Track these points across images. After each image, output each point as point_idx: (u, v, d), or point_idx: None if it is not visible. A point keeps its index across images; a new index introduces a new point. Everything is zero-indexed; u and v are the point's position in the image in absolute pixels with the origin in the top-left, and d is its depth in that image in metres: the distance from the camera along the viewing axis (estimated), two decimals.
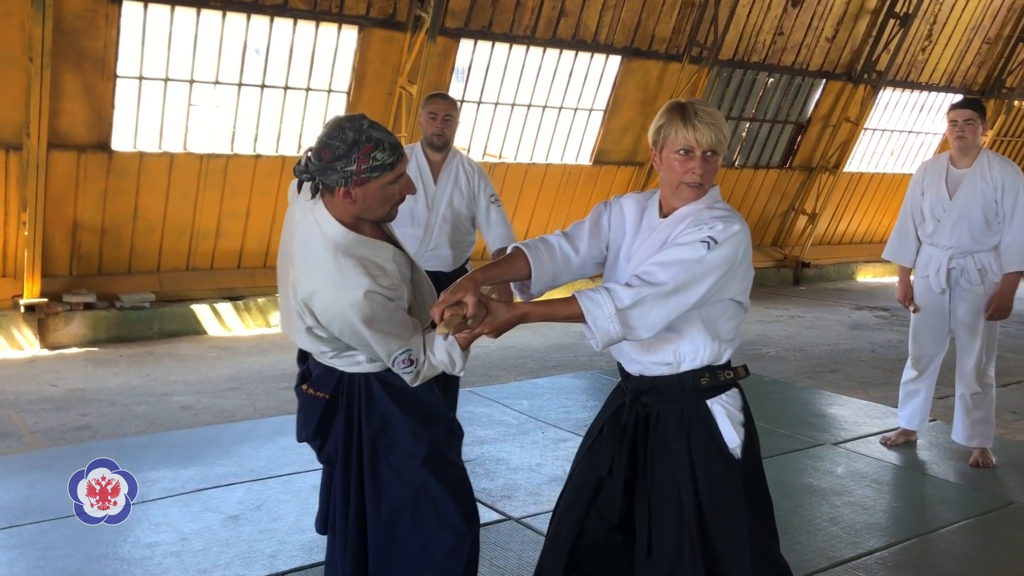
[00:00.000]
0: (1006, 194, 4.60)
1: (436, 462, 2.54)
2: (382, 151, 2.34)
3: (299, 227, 2.45)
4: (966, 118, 4.62)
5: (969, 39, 12.65)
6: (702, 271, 2.26)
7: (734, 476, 2.41)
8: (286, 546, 3.68)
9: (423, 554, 2.52)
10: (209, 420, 5.49)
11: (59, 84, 7.04)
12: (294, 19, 7.87)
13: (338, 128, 2.33)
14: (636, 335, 2.26)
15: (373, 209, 2.41)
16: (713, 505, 2.39)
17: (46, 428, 5.29)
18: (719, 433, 2.41)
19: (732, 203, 10.71)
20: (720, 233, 2.28)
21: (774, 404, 5.95)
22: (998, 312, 4.66)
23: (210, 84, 7.86)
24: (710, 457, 2.40)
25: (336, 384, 2.57)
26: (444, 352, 2.44)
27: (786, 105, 11.55)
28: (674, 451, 2.42)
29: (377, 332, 2.36)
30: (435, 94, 4.35)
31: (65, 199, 7.43)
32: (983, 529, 4.10)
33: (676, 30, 10.03)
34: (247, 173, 8.13)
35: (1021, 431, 5.66)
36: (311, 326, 2.43)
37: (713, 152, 2.34)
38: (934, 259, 4.78)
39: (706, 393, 2.43)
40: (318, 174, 2.35)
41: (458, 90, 9.17)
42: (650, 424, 2.45)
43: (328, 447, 2.64)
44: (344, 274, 2.34)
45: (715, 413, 2.43)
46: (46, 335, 7.29)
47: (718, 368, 2.43)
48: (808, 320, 9.54)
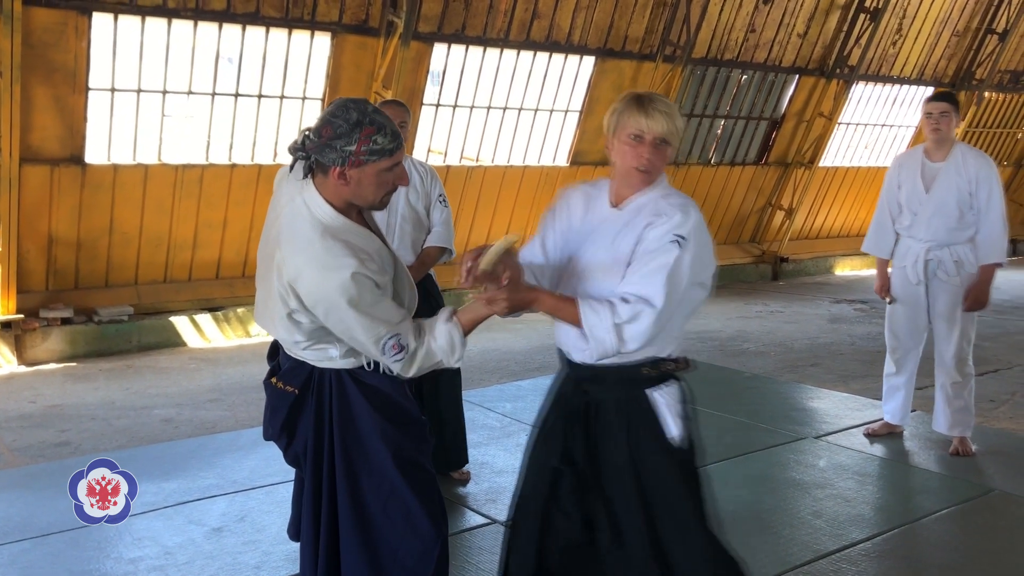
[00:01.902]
0: (980, 187, 4.67)
1: (407, 465, 2.50)
2: (383, 136, 2.33)
3: (285, 209, 2.40)
4: (942, 110, 4.70)
5: (938, 32, 12.78)
6: (682, 272, 2.32)
7: (676, 466, 2.44)
8: (271, 557, 3.66)
9: (392, 560, 2.48)
10: (190, 432, 5.45)
11: (30, 98, 6.97)
12: (266, 27, 7.84)
13: (342, 107, 2.33)
14: (626, 347, 2.32)
15: (365, 194, 2.39)
16: (659, 496, 2.41)
17: (25, 445, 5.24)
18: (659, 423, 2.43)
19: (709, 200, 10.77)
20: (683, 227, 2.34)
21: (755, 399, 5.99)
22: (976, 304, 4.73)
23: (183, 94, 7.80)
24: (651, 447, 2.42)
25: (306, 379, 2.51)
26: (446, 336, 2.40)
27: (760, 102, 11.62)
28: (617, 440, 2.43)
29: (364, 315, 2.31)
30: (388, 101, 4.36)
31: (39, 214, 7.37)
32: (965, 517, 4.14)
33: (649, 30, 10.08)
34: (223, 183, 8.08)
35: (999, 419, 5.72)
36: (294, 310, 2.37)
37: (664, 141, 2.38)
38: (911, 251, 4.84)
39: (647, 383, 2.44)
40: (315, 152, 2.33)
41: (433, 94, 9.16)
42: (590, 413, 2.46)
43: (296, 444, 2.58)
44: (331, 254, 2.30)
45: (655, 403, 2.43)
46: (23, 351, 7.22)
47: (661, 359, 2.45)
48: (787, 315, 9.60)
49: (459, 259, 2.48)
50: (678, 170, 11.10)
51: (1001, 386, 6.50)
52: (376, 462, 2.49)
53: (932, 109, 4.72)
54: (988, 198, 4.67)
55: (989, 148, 14.77)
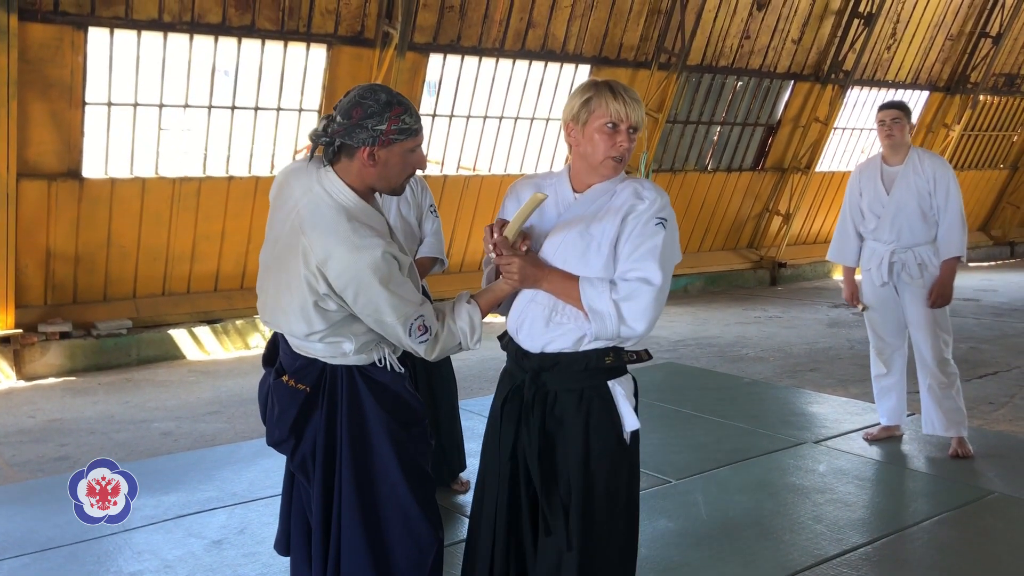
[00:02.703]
0: (938, 186, 4.84)
1: (409, 466, 2.49)
2: (410, 116, 2.39)
3: (304, 199, 2.41)
4: (893, 117, 4.88)
5: (932, 36, 12.83)
6: (669, 250, 2.38)
7: (626, 461, 2.42)
8: (271, 569, 3.66)
9: (388, 562, 2.47)
10: (190, 445, 5.45)
11: (27, 113, 6.99)
12: (262, 40, 7.87)
13: (370, 90, 2.39)
14: (632, 329, 2.32)
15: (390, 176, 2.42)
16: (602, 489, 2.38)
17: (24, 460, 5.23)
18: (618, 416, 2.41)
19: (706, 207, 10.74)
20: (665, 210, 2.38)
21: (755, 404, 5.98)
22: (940, 299, 4.85)
23: (180, 108, 7.83)
24: (606, 440, 2.39)
25: (319, 376, 2.49)
26: (466, 317, 2.44)
27: (756, 108, 11.65)
28: (570, 432, 2.40)
29: (394, 295, 2.33)
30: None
31: (37, 228, 7.38)
32: (964, 520, 4.13)
33: (644, 38, 10.11)
34: (220, 195, 8.09)
35: (998, 421, 5.72)
36: (322, 296, 2.36)
37: (635, 129, 2.39)
38: (876, 252, 4.99)
39: (609, 373, 2.42)
40: (342, 134, 2.36)
41: (429, 104, 9.19)
42: (547, 404, 2.43)
43: (304, 446, 2.54)
44: (360, 235, 2.33)
45: (616, 395, 2.41)
46: (22, 366, 7.22)
47: (624, 349, 2.43)
48: (786, 320, 9.60)
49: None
50: (675, 176, 11.13)
51: (1000, 388, 6.50)
52: (381, 462, 2.48)
53: (884, 117, 4.88)
54: (946, 197, 4.82)
55: (984, 151, 14.81)
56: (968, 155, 14.55)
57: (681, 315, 9.83)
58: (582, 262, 2.37)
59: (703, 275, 11.65)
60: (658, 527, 4.01)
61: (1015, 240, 15.55)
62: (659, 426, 5.48)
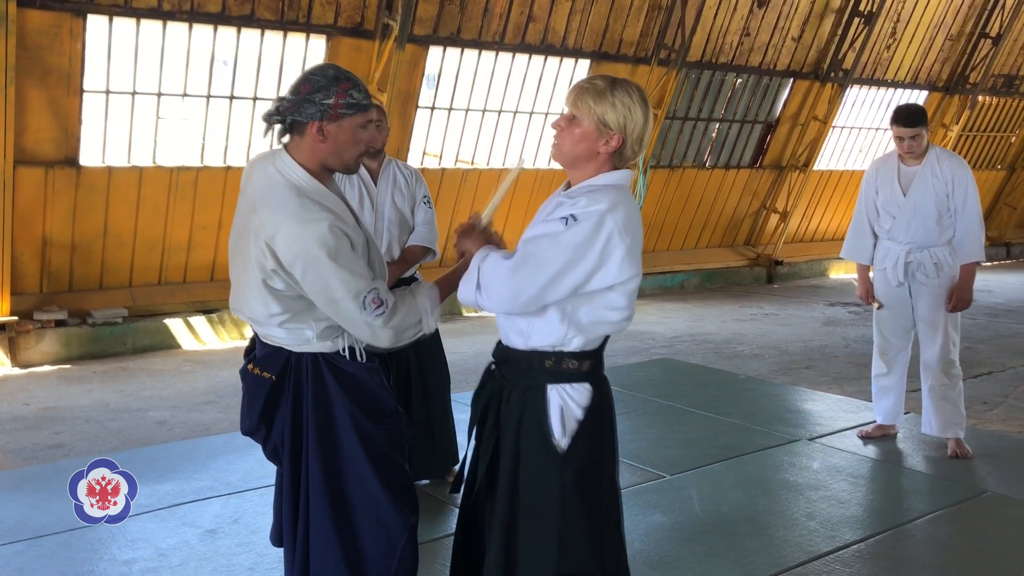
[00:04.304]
0: (956, 188, 4.76)
1: (377, 456, 2.48)
2: (358, 91, 2.42)
3: (259, 179, 2.45)
4: (912, 135, 4.73)
5: (932, 36, 12.83)
6: (556, 249, 2.21)
7: (556, 471, 2.28)
8: (264, 559, 3.66)
9: (357, 551, 2.47)
10: (184, 434, 5.45)
11: (24, 100, 6.96)
12: (261, 29, 7.84)
13: (319, 67, 2.45)
14: (485, 301, 2.30)
15: (341, 152, 2.44)
16: (527, 497, 2.31)
17: (18, 447, 5.22)
18: (547, 421, 2.30)
19: (703, 203, 10.69)
20: (581, 209, 2.22)
21: (749, 401, 6.00)
22: (960, 303, 4.80)
23: (178, 96, 7.80)
24: (533, 444, 2.31)
25: (283, 365, 2.49)
26: (424, 293, 2.48)
27: (755, 105, 11.65)
28: (508, 432, 2.36)
29: (343, 269, 2.32)
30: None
31: (33, 216, 7.36)
32: (958, 518, 4.15)
33: (644, 33, 10.10)
34: (218, 185, 8.08)
35: (992, 421, 5.74)
36: (270, 273, 2.35)
37: (574, 118, 2.33)
38: (891, 252, 4.92)
39: (548, 377, 2.32)
40: (292, 111, 2.40)
41: (428, 97, 9.17)
42: (503, 398, 2.41)
43: (274, 435, 2.55)
44: (307, 209, 2.34)
45: (549, 400, 2.32)
46: (17, 353, 7.21)
47: (565, 354, 2.32)
48: (782, 317, 9.61)
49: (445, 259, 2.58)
50: (672, 172, 11.13)
51: (994, 388, 6.52)
52: (347, 451, 2.47)
53: (903, 135, 4.73)
54: (964, 199, 4.75)
55: (982, 152, 14.83)
56: (966, 156, 14.55)
57: (677, 311, 9.84)
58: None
59: (699, 272, 11.66)
60: (652, 522, 4.02)
61: (1011, 241, 15.57)
62: (654, 421, 5.49)
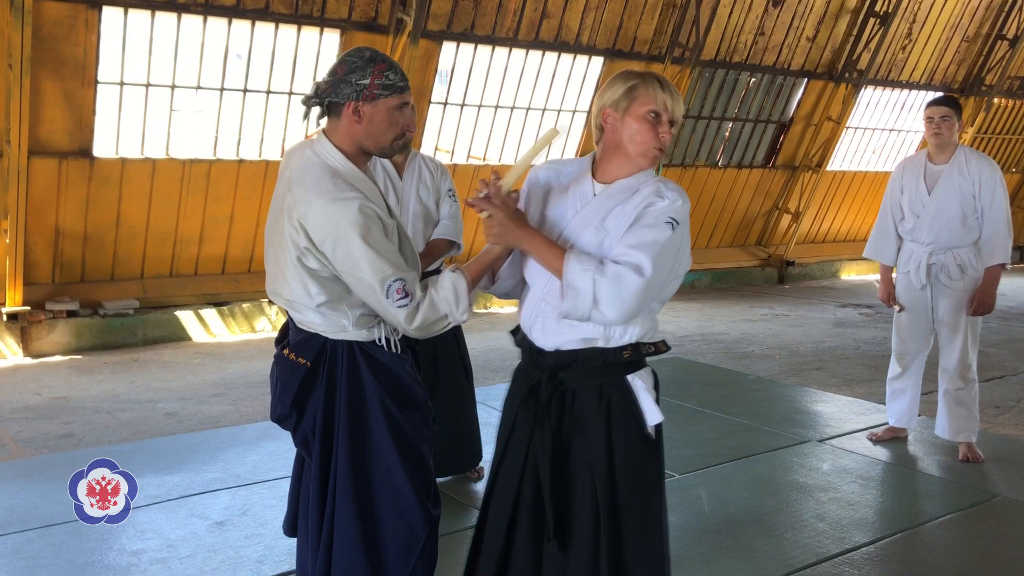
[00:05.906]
0: (984, 188, 4.66)
1: (405, 449, 2.48)
2: (394, 72, 2.44)
3: (296, 162, 2.47)
4: (943, 115, 4.68)
5: (948, 37, 12.75)
6: (670, 253, 2.26)
7: (654, 457, 2.35)
8: (273, 551, 3.66)
9: (379, 543, 2.47)
10: (194, 426, 5.46)
11: (39, 91, 6.99)
12: (276, 23, 7.85)
13: (355, 50, 2.47)
14: (602, 315, 2.20)
15: (377, 134, 2.45)
16: (630, 489, 2.30)
17: (29, 437, 5.25)
18: (640, 410, 2.33)
19: (715, 203, 10.70)
20: (680, 212, 2.29)
21: (760, 402, 5.97)
22: (982, 307, 4.70)
23: (192, 89, 7.81)
24: (630, 437, 2.32)
25: (319, 351, 2.49)
26: (449, 286, 2.38)
27: (768, 105, 11.60)
28: (591, 432, 2.33)
29: (372, 250, 2.32)
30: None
31: (47, 206, 7.39)
32: (968, 522, 4.12)
33: (658, 31, 10.07)
34: (230, 178, 8.10)
35: (1004, 425, 5.70)
36: (305, 248, 2.36)
37: (673, 123, 2.33)
38: (915, 255, 4.83)
39: (627, 368, 2.35)
40: (329, 92, 2.42)
41: (441, 92, 9.17)
42: (566, 403, 2.36)
43: (305, 422, 2.54)
44: (339, 188, 2.37)
45: (635, 389, 2.34)
46: (29, 343, 7.24)
47: (642, 344, 2.36)
48: (793, 318, 9.58)
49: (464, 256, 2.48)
50: (685, 171, 11.09)
51: (1006, 392, 6.48)
52: (377, 441, 2.48)
53: (933, 114, 4.70)
54: (991, 200, 4.65)
55: (998, 154, 14.73)
56: None
57: (688, 310, 9.82)
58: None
59: (711, 271, 11.62)
60: None
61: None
62: (663, 421, 5.46)
